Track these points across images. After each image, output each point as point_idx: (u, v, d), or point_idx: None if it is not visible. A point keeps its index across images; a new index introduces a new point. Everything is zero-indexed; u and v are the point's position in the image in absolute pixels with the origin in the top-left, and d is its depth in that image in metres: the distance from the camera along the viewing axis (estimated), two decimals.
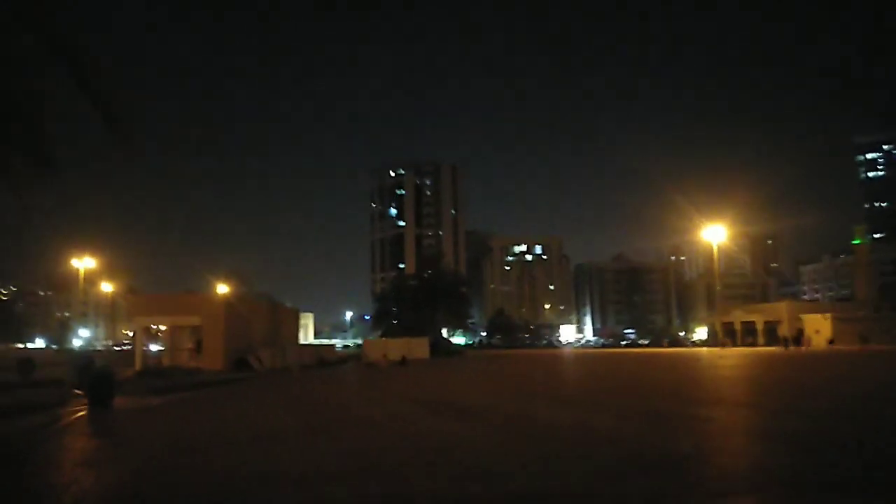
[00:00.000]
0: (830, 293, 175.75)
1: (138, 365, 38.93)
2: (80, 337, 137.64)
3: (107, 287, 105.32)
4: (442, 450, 8.18)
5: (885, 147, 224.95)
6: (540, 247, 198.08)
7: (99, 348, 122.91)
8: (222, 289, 77.11)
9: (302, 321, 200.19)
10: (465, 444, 8.54)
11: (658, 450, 7.78)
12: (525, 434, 9.33)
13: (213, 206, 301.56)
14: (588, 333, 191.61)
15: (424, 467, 7.04)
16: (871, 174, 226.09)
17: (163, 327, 45.11)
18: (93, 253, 73.25)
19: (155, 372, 34.97)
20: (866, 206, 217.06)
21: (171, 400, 18.52)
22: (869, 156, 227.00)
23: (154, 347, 52.75)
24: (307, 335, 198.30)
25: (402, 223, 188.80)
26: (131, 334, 45.86)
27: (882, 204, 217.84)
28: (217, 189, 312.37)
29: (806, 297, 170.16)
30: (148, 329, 47.83)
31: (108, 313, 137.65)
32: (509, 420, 11.28)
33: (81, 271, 69.56)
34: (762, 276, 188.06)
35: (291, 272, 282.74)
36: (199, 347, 41.66)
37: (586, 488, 5.95)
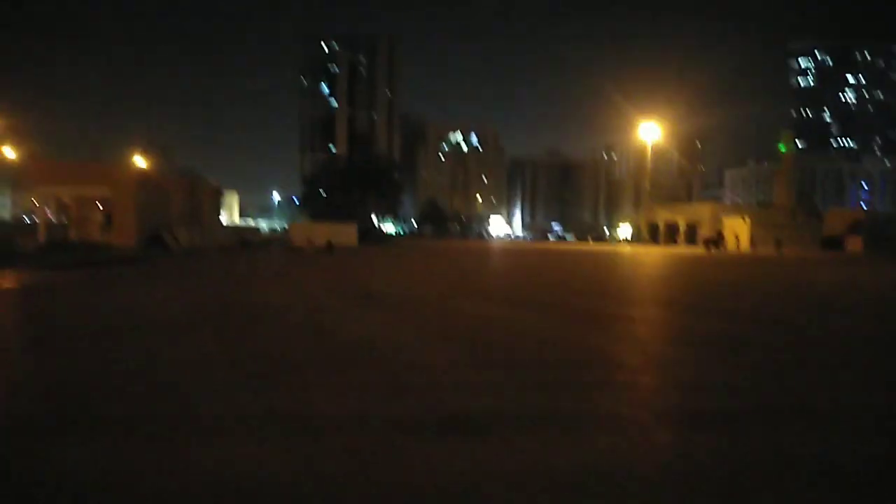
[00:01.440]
0: (752, 198, 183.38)
1: (42, 237, 36.14)
2: None
3: (10, 153, 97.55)
4: (358, 345, 7.09)
5: (817, 55, 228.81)
6: (476, 136, 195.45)
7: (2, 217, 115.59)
8: (139, 161, 72.42)
9: (226, 200, 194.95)
10: (390, 341, 7.46)
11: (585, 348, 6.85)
12: (457, 335, 8.23)
13: (134, 75, 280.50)
14: (517, 227, 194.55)
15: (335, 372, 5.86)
16: (801, 81, 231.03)
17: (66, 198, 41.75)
18: None
19: (60, 245, 32.49)
20: (793, 113, 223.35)
21: (70, 277, 16.64)
22: (802, 63, 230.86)
23: (64, 220, 49.33)
24: (231, 215, 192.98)
25: (333, 102, 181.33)
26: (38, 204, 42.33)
27: (808, 112, 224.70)
28: (139, 57, 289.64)
29: (727, 200, 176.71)
30: (57, 199, 44.37)
31: (16, 181, 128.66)
32: (430, 314, 10.26)
33: None
34: (689, 176, 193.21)
35: (217, 148, 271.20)
36: (108, 221, 38.95)
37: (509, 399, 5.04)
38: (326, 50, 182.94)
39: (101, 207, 40.80)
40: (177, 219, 42.18)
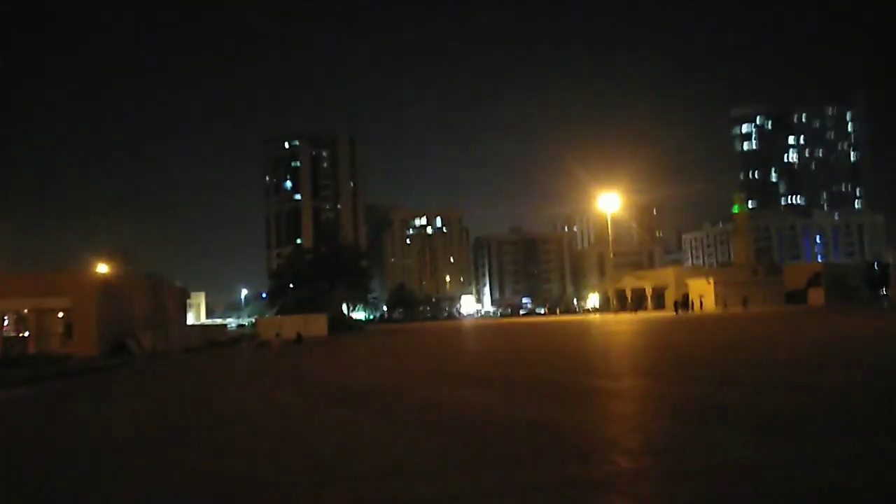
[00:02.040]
0: (711, 259, 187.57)
1: None
2: None
3: None
4: (323, 459, 6.61)
5: (758, 120, 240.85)
6: (440, 219, 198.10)
7: None
8: (102, 268, 71.37)
9: (193, 300, 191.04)
10: (367, 449, 7.02)
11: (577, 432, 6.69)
12: (430, 422, 7.98)
13: (93, 181, 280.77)
14: (487, 304, 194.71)
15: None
16: (745, 146, 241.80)
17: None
18: None
19: (14, 360, 31.23)
20: (741, 176, 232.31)
21: (17, 395, 15.95)
22: (744, 129, 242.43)
23: (26, 333, 47.76)
24: (199, 315, 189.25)
25: (298, 196, 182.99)
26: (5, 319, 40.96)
27: (755, 174, 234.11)
28: (99, 163, 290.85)
29: (688, 263, 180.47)
30: (16, 313, 43.10)
31: None
32: (401, 406, 9.90)
33: None
34: (649, 244, 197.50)
35: (182, 250, 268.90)
36: (69, 331, 37.87)
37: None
38: (288, 146, 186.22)
39: (61, 317, 39.75)
40: (141, 323, 41.21)
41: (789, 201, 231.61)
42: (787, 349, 16.49)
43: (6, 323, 43.81)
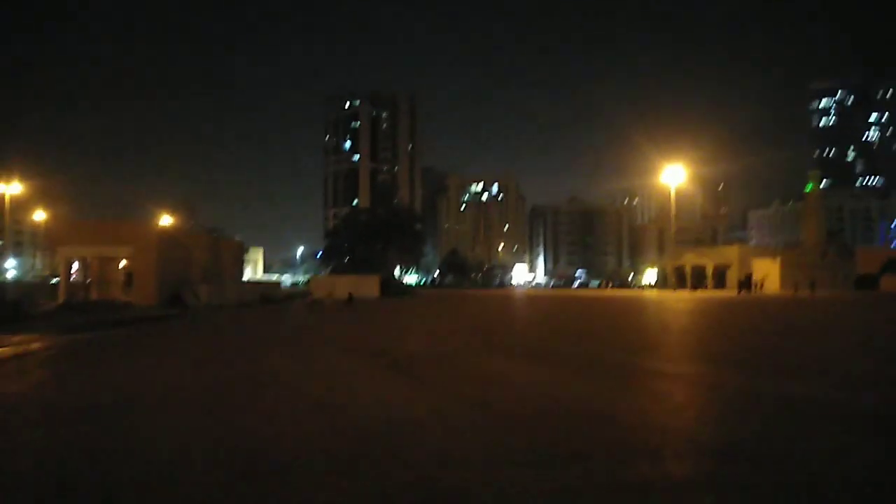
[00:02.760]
0: (779, 239, 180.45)
1: (62, 297, 36.06)
2: (9, 268, 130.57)
3: (41, 215, 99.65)
4: (368, 431, 6.05)
5: (838, 95, 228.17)
6: (496, 186, 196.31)
7: (28, 279, 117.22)
8: (165, 220, 73.27)
9: (251, 256, 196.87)
10: (408, 422, 6.43)
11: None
12: (485, 403, 7.31)
13: (163, 136, 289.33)
14: (540, 274, 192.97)
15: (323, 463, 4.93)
16: (822, 122, 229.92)
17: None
18: (24, 177, 68.42)
19: (78, 306, 32.18)
20: (817, 153, 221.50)
21: (73, 340, 16.07)
22: (823, 104, 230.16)
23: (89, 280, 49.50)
24: (256, 271, 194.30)
25: (356, 157, 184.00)
26: (75, 265, 42.49)
27: (832, 151, 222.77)
28: (168, 117, 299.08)
29: (754, 241, 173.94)
30: (80, 259, 44.62)
31: (45, 243, 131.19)
32: (454, 378, 9.26)
33: (7, 196, 64.91)
34: (713, 220, 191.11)
35: (243, 206, 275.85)
36: (130, 280, 38.87)
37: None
38: (348, 106, 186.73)
39: (123, 266, 40.81)
40: (198, 276, 42.00)
41: (866, 182, 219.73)
42: (858, 341, 15.14)
43: (74, 269, 45.40)
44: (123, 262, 40.31)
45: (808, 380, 8.76)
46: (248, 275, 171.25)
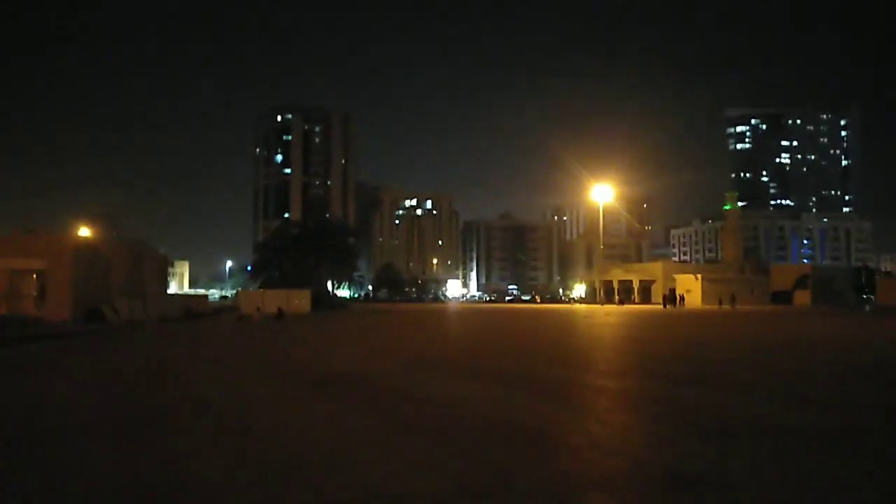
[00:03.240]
0: (698, 255, 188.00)
1: None
2: None
3: None
4: (289, 466, 5.60)
5: (752, 121, 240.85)
6: (430, 202, 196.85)
7: None
8: (84, 231, 69.69)
9: (176, 269, 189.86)
10: (336, 453, 6.00)
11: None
12: (419, 425, 7.08)
13: (83, 146, 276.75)
14: (473, 288, 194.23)
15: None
16: (738, 146, 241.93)
17: None
18: None
19: None
20: (733, 175, 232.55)
21: None
22: (738, 129, 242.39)
23: None
24: (182, 285, 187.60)
25: (288, 170, 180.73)
26: None
27: (747, 174, 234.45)
28: (92, 128, 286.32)
29: (675, 259, 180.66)
30: (6, 272, 41.83)
31: None
32: (379, 399, 8.99)
33: None
34: (637, 237, 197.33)
35: (169, 218, 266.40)
36: (43, 294, 36.66)
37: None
38: (280, 119, 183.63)
39: (36, 280, 38.50)
40: (118, 290, 40.02)
41: (779, 203, 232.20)
42: (797, 351, 15.78)
43: None
44: (36, 276, 38.07)
45: (744, 395, 8.96)
46: (174, 289, 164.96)
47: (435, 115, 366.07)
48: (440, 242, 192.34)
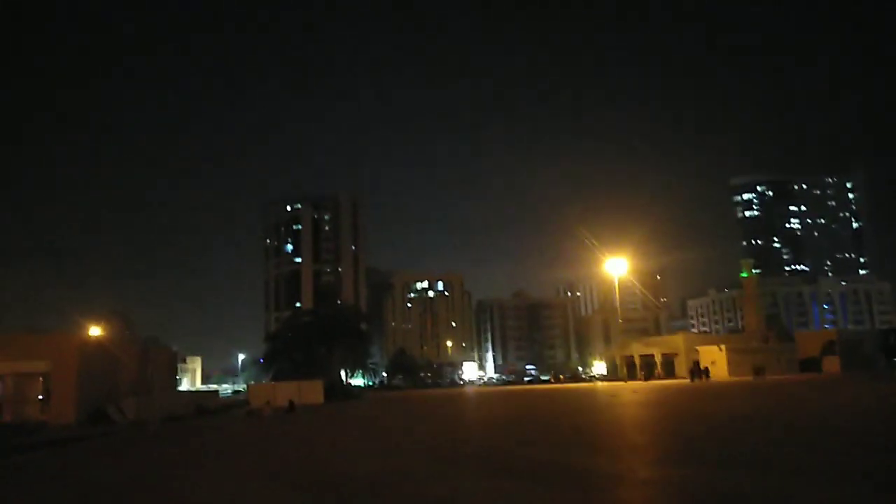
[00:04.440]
0: (717, 325, 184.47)
1: None
2: None
3: None
4: None
5: (758, 188, 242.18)
6: (441, 283, 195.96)
7: None
8: (95, 330, 69.07)
9: (189, 365, 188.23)
10: None
11: None
12: None
13: (91, 243, 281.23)
14: (490, 370, 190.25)
15: None
16: (747, 213, 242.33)
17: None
18: None
19: None
20: (744, 242, 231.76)
21: None
22: (745, 197, 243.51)
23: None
24: (194, 380, 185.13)
25: (298, 259, 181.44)
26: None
27: (758, 241, 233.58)
28: (99, 224, 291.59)
29: (694, 329, 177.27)
30: (8, 376, 40.88)
31: None
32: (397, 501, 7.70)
33: None
34: (654, 310, 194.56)
35: (180, 314, 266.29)
36: (48, 398, 35.54)
37: None
38: (290, 209, 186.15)
39: (42, 382, 37.48)
40: (126, 388, 38.85)
41: (793, 268, 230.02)
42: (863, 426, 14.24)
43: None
44: (42, 379, 37.03)
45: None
46: (186, 385, 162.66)
47: (443, 193, 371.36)
48: (453, 324, 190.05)
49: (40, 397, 37.69)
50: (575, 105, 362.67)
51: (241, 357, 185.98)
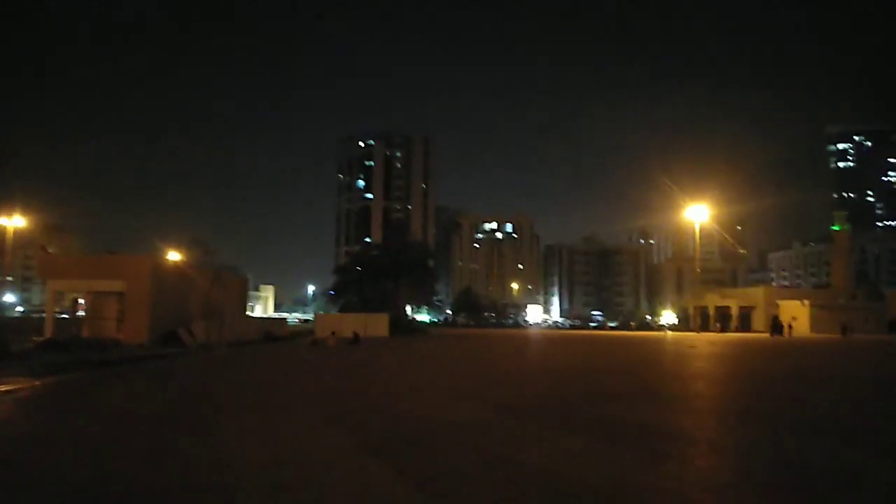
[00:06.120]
0: (798, 280, 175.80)
1: (48, 333, 33.66)
2: (8, 303, 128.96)
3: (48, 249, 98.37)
4: None
5: (856, 138, 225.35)
6: (510, 224, 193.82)
7: (16, 313, 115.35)
8: (174, 256, 71.45)
9: (262, 293, 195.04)
10: None
11: None
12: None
13: (178, 174, 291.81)
14: (555, 314, 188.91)
15: None
16: (841, 164, 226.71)
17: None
18: (30, 211, 66.92)
19: (61, 344, 29.80)
20: (835, 195, 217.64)
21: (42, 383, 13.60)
22: (840, 146, 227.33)
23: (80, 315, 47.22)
24: (267, 308, 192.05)
25: (369, 195, 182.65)
26: (80, 300, 40.38)
27: (850, 194, 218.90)
28: (182, 155, 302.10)
29: (774, 284, 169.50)
30: (76, 294, 42.51)
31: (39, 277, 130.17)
32: (465, 469, 6.58)
33: (10, 230, 63.23)
34: (735, 260, 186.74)
35: (257, 244, 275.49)
36: (122, 317, 36.57)
37: None
38: (363, 145, 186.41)
39: (118, 302, 38.62)
40: (197, 312, 39.60)
41: (886, 224, 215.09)
42: None
43: (80, 305, 43.17)
44: (116, 299, 38.13)
45: None
46: (259, 312, 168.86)
47: (518, 136, 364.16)
48: (520, 266, 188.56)
49: (116, 317, 38.95)
50: (656, 46, 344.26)
51: (311, 288, 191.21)
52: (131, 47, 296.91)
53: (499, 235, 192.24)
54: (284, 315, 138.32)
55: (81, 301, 42.49)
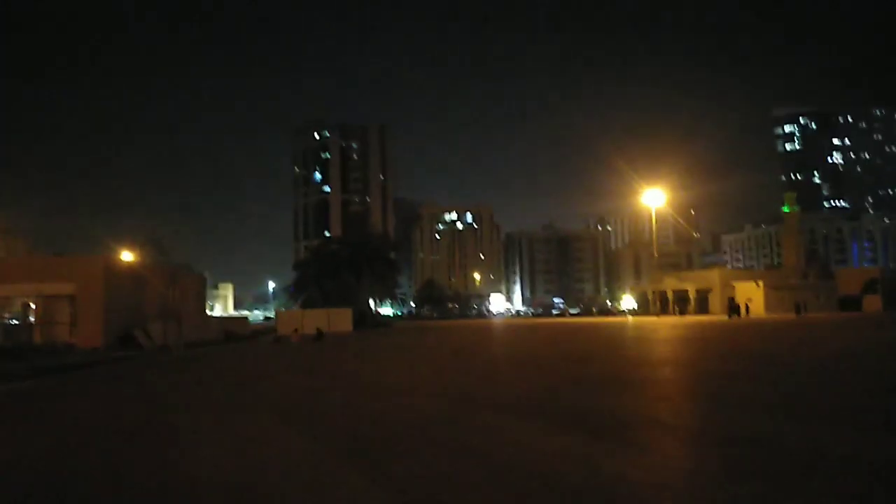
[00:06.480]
0: (751, 262, 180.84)
1: None
2: None
3: None
4: None
5: (801, 120, 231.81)
6: (470, 214, 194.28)
7: None
8: (127, 256, 69.35)
9: (220, 292, 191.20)
10: None
11: None
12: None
13: (129, 172, 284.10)
14: (517, 303, 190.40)
15: None
16: (788, 146, 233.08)
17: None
18: None
19: (11, 350, 28.65)
20: (783, 177, 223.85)
21: None
22: (787, 129, 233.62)
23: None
24: (226, 306, 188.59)
25: (327, 188, 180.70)
26: (32, 305, 38.78)
27: (798, 175, 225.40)
28: (133, 152, 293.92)
29: (728, 266, 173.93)
30: (25, 298, 40.88)
31: None
32: (431, 460, 6.39)
33: None
34: (687, 245, 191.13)
35: (213, 242, 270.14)
36: (75, 320, 35.36)
37: None
38: (318, 137, 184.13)
39: (70, 305, 37.29)
40: (153, 313, 38.52)
41: (833, 204, 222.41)
42: None
43: (32, 308, 41.55)
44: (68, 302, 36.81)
45: None
46: (218, 311, 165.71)
47: (474, 125, 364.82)
48: (482, 256, 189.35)
49: (69, 321, 37.62)
50: (609, 34, 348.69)
51: (271, 285, 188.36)
52: (75, 41, 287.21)
53: (459, 226, 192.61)
54: (245, 313, 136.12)
55: (33, 306, 40.97)
